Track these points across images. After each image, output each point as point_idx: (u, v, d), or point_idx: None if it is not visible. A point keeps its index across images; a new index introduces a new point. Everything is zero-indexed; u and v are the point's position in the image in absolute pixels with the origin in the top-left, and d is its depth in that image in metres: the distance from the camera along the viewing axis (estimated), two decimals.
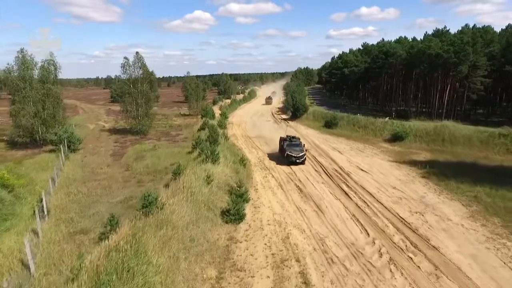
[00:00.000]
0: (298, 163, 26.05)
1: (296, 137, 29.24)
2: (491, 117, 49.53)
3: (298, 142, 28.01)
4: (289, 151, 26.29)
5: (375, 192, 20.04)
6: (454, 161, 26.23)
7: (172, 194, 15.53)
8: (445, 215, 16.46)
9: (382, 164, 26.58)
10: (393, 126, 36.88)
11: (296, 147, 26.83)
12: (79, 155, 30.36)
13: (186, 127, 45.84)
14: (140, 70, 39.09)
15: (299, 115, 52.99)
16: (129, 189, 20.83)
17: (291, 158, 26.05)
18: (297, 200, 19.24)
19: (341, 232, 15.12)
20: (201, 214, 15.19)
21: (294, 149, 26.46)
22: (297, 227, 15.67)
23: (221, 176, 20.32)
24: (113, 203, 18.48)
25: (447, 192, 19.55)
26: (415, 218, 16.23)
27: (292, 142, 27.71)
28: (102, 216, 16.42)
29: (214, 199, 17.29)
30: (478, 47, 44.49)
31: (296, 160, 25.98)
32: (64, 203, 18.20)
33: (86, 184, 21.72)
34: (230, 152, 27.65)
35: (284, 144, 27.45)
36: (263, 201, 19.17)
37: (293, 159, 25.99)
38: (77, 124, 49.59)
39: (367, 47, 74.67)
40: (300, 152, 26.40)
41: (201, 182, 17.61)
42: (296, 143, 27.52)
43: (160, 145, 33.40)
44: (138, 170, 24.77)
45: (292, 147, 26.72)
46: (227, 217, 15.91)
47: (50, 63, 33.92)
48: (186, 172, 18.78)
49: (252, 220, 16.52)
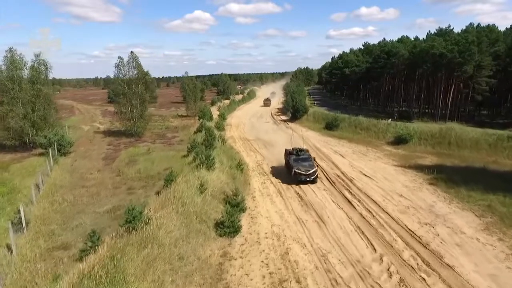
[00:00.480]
0: (309, 182, 21.80)
1: (304, 150, 24.58)
2: (496, 118, 48.28)
3: (306, 155, 23.47)
4: (297, 168, 21.80)
5: (380, 201, 18.77)
6: (462, 165, 24.95)
7: (161, 205, 14.24)
8: (457, 227, 15.20)
9: (386, 168, 25.31)
10: (396, 128, 35.66)
11: (304, 162, 22.45)
12: (70, 159, 29.09)
13: (183, 128, 44.54)
14: (135, 70, 37.79)
15: (299, 116, 51.73)
16: (118, 197, 19.54)
17: (300, 177, 21.58)
18: (297, 209, 17.98)
19: (345, 247, 13.86)
20: (193, 227, 13.93)
21: (302, 165, 22.08)
22: (297, 241, 14.41)
23: (216, 183, 19.07)
24: (100, 213, 17.20)
25: (457, 200, 18.27)
26: (425, 231, 14.96)
27: (299, 156, 23.26)
28: (86, 229, 15.13)
29: (208, 209, 16.03)
30: (483, 47, 43.24)
31: (306, 178, 21.55)
32: (46, 213, 16.91)
33: (73, 191, 20.44)
34: (227, 156, 26.39)
35: (291, 159, 22.99)
36: (260, 210, 17.91)
37: (302, 178, 21.53)
38: (72, 126, 48.40)
39: (368, 47, 73.45)
40: (310, 168, 21.88)
41: (193, 191, 16.35)
42: (304, 157, 23.07)
43: (155, 148, 32.12)
44: (129, 176, 23.50)
45: (300, 163, 22.35)
46: (221, 229, 14.65)
47: (40, 62, 32.65)
48: (178, 180, 17.50)
49: (249, 233, 15.26)
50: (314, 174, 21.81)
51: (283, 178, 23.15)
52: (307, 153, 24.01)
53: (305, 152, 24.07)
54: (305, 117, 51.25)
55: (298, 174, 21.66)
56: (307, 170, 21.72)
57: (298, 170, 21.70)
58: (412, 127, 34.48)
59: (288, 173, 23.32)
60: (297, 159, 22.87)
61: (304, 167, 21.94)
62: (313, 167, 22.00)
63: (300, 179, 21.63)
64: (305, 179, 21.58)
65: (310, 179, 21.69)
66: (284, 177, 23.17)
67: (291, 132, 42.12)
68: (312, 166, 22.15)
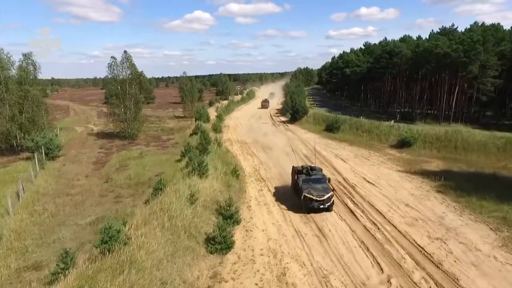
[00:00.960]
0: (323, 210, 17.23)
1: (316, 168, 19.78)
2: (501, 119, 46.96)
3: (320, 175, 18.83)
4: (308, 192, 17.18)
5: (385, 211, 17.42)
6: (471, 171, 23.60)
7: (144, 221, 12.89)
8: (471, 242, 13.85)
9: (390, 174, 23.97)
10: (399, 130, 34.29)
11: (317, 184, 17.84)
12: (58, 163, 27.77)
13: (179, 130, 43.21)
14: (128, 70, 36.44)
15: (298, 117, 50.34)
16: (104, 207, 18.22)
17: (311, 204, 16.95)
18: (296, 220, 16.62)
19: (349, 266, 12.51)
20: (180, 244, 12.58)
21: (314, 188, 17.49)
22: (295, 259, 13.06)
23: (208, 192, 17.73)
24: (81, 225, 15.88)
25: (469, 211, 16.92)
26: (436, 247, 13.61)
27: (310, 176, 18.58)
28: (64, 244, 13.82)
29: (198, 222, 14.69)
30: (489, 46, 41.91)
31: (319, 205, 16.95)
32: (24, 225, 15.59)
33: (57, 200, 19.11)
34: (222, 161, 25.03)
35: (299, 180, 18.30)
36: (256, 222, 16.55)
37: (314, 205, 16.93)
38: (65, 127, 47.09)
39: (369, 47, 72.16)
40: (324, 192, 17.22)
41: (183, 202, 15.01)
42: (317, 178, 18.45)
43: (148, 152, 30.77)
44: (118, 182, 22.17)
45: (311, 185, 17.71)
46: (212, 246, 13.29)
47: (29, 62, 31.35)
48: (167, 189, 16.15)
49: (242, 249, 13.91)
50: (330, 201, 17.19)
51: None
52: (320, 173, 19.28)
53: (318, 171, 19.35)
54: (304, 118, 49.85)
55: (308, 200, 17.04)
56: (321, 195, 17.05)
57: (309, 194, 17.06)
58: (416, 130, 33.12)
59: (296, 196, 18.82)
60: (307, 180, 18.22)
61: (317, 191, 17.31)
62: (328, 191, 17.39)
63: (312, 207, 17.00)
64: (318, 206, 16.97)
65: (325, 207, 17.05)
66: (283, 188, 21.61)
67: (290, 134, 40.92)
68: (327, 189, 17.53)
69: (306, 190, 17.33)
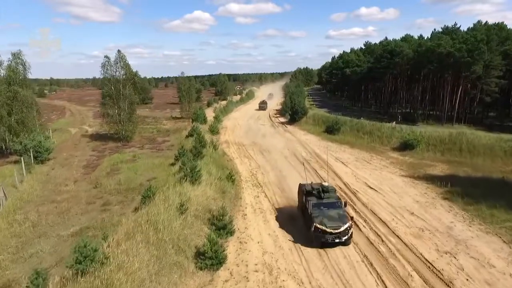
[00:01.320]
0: (339, 244, 13.67)
1: (328, 187, 15.50)
2: (504, 120, 45.83)
3: (334, 198, 15.01)
4: (320, 222, 13.61)
5: (389, 220, 16.35)
6: (478, 176, 22.51)
7: (128, 234, 11.81)
8: (484, 257, 12.77)
9: (393, 179, 22.89)
10: (401, 132, 33.21)
11: (331, 211, 14.26)
12: (47, 167, 26.71)
13: (175, 132, 42.10)
14: (122, 70, 35.34)
15: (297, 118, 49.27)
16: (90, 215, 17.15)
17: (324, 237, 13.41)
18: (294, 231, 15.53)
19: (351, 284, 11.44)
20: (166, 260, 11.51)
21: (329, 216, 13.92)
22: (292, 276, 11.99)
23: (201, 200, 16.66)
24: (63, 237, 14.80)
25: (479, 221, 15.84)
26: (445, 262, 12.53)
27: (322, 199, 14.75)
28: (41, 259, 12.80)
29: (188, 234, 13.62)
30: (493, 45, 40.83)
31: (335, 239, 13.41)
32: (1, 237, 14.52)
33: (40, 208, 18.05)
34: (217, 165, 23.93)
35: (309, 205, 14.53)
36: (252, 232, 15.48)
37: (328, 239, 13.39)
38: (59, 129, 46.03)
39: (370, 46, 71.13)
40: (340, 222, 13.64)
41: (172, 212, 13.93)
42: (331, 202, 14.69)
43: (141, 155, 29.67)
44: (107, 188, 21.10)
45: (324, 211, 14.17)
46: (202, 261, 12.21)
47: (18, 62, 30.27)
48: (155, 198, 15.07)
49: (235, 264, 12.83)
50: (347, 233, 13.58)
51: (279, 196, 20.39)
52: (334, 194, 15.35)
53: (332, 192, 15.32)
54: (304, 119, 48.78)
55: (321, 233, 13.42)
56: (337, 226, 13.41)
57: (322, 225, 13.45)
58: (419, 132, 32.04)
59: (304, 224, 15.17)
60: (319, 204, 14.53)
61: (332, 220, 13.71)
62: (346, 221, 13.74)
63: (325, 241, 13.43)
64: (333, 240, 13.40)
65: (341, 241, 13.49)
66: (280, 195, 20.63)
67: (289, 136, 39.84)
68: (344, 218, 13.89)
69: (318, 219, 13.73)
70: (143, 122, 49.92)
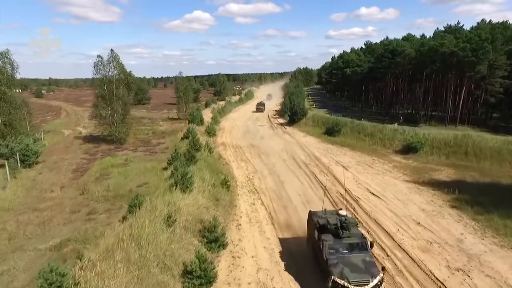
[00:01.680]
0: None
1: (349, 219, 11.83)
2: (509, 121, 44.65)
3: (357, 237, 11.29)
4: (339, 273, 10.17)
5: (394, 231, 15.20)
6: (486, 182, 21.38)
7: (106, 252, 10.63)
8: (500, 275, 11.63)
9: (397, 185, 21.73)
10: (404, 135, 32.09)
11: (354, 256, 10.84)
12: (35, 171, 25.55)
13: (171, 133, 40.86)
14: (115, 70, 34.14)
15: (297, 119, 48.10)
16: (73, 226, 15.98)
17: None
18: (292, 243, 14.38)
19: None
20: (149, 281, 10.34)
21: (350, 264, 10.50)
22: None
23: (192, 210, 15.48)
24: (42, 250, 13.63)
25: (492, 232, 14.70)
26: (458, 281, 11.39)
27: (342, 238, 11.16)
28: (13, 277, 11.63)
29: (176, 249, 12.44)
30: (497, 44, 39.65)
31: None
32: None
33: (21, 217, 16.86)
34: (212, 169, 22.75)
35: (324, 246, 11.03)
36: (246, 245, 14.32)
37: None
38: (52, 130, 44.85)
39: (371, 46, 69.93)
40: (367, 273, 10.13)
41: (158, 225, 12.75)
42: (354, 242, 11.10)
43: (134, 158, 28.47)
44: (95, 195, 19.92)
45: (345, 257, 10.79)
46: (189, 281, 11.07)
47: (5, 62, 29.07)
48: (140, 210, 13.90)
49: (227, 283, 11.68)
50: None
51: (277, 203, 19.37)
52: (357, 231, 11.63)
53: (353, 228, 11.51)
54: (303, 120, 47.61)
55: None
56: (364, 282, 9.91)
57: (343, 279, 9.93)
58: (423, 134, 30.88)
59: (314, 261, 12.21)
60: (337, 246, 11.03)
61: (356, 271, 10.26)
62: (375, 272, 10.21)
63: None
64: None
65: None
66: (278, 202, 19.49)
67: (288, 138, 38.65)
68: (372, 268, 10.41)
69: (337, 270, 10.23)
70: (139, 123, 48.69)
